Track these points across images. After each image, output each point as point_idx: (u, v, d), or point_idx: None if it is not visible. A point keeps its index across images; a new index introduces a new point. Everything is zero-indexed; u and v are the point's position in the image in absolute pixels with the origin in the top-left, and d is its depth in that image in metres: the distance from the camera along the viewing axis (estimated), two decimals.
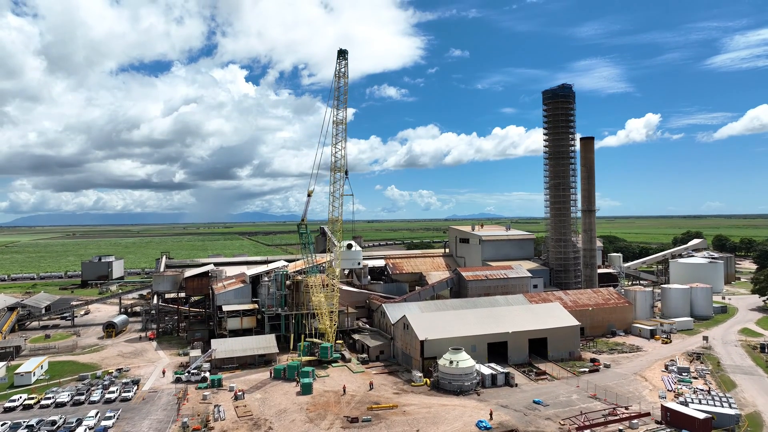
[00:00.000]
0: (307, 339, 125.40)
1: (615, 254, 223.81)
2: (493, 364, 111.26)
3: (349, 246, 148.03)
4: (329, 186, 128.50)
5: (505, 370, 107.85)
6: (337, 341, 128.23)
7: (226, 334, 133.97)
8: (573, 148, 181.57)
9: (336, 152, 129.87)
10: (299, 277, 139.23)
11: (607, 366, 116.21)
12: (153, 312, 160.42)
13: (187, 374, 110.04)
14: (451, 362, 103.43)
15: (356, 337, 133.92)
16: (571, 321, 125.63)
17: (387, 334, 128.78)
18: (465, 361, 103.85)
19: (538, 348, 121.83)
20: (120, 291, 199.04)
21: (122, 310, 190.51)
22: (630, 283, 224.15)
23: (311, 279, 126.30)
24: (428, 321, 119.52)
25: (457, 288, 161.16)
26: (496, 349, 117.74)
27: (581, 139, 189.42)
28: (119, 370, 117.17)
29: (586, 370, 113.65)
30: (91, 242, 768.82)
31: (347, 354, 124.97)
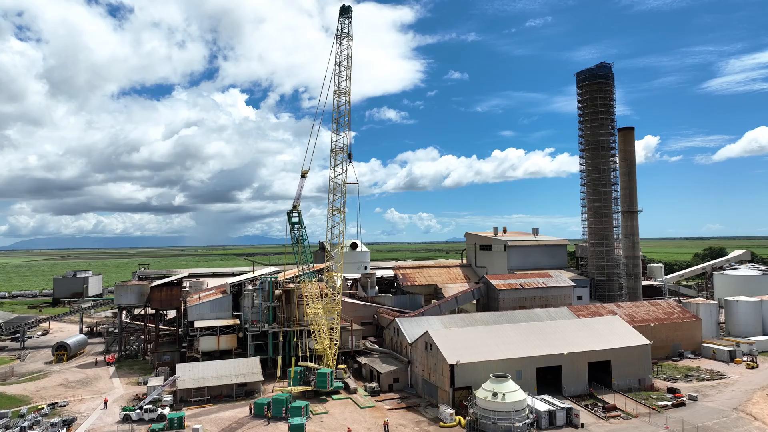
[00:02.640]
0: (300, 363, 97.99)
1: (656, 265, 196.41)
2: (546, 397, 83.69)
3: (354, 246, 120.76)
4: (329, 169, 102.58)
5: (565, 405, 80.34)
6: (339, 366, 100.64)
7: (199, 356, 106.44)
8: (614, 138, 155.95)
9: (337, 128, 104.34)
10: (291, 285, 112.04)
11: (693, 398, 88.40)
12: (116, 331, 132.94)
13: (138, 411, 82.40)
14: (494, 394, 75.88)
15: (363, 360, 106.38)
16: (639, 339, 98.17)
17: (402, 357, 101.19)
18: (513, 392, 76.32)
19: (596, 374, 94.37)
20: (83, 307, 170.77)
21: (88, 329, 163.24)
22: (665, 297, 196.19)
23: (306, 286, 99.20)
24: (457, 339, 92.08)
25: (486, 300, 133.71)
26: (543, 376, 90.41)
27: (619, 130, 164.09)
28: (53, 405, 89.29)
29: (668, 404, 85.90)
30: (84, 263, 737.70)
31: (352, 383, 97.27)
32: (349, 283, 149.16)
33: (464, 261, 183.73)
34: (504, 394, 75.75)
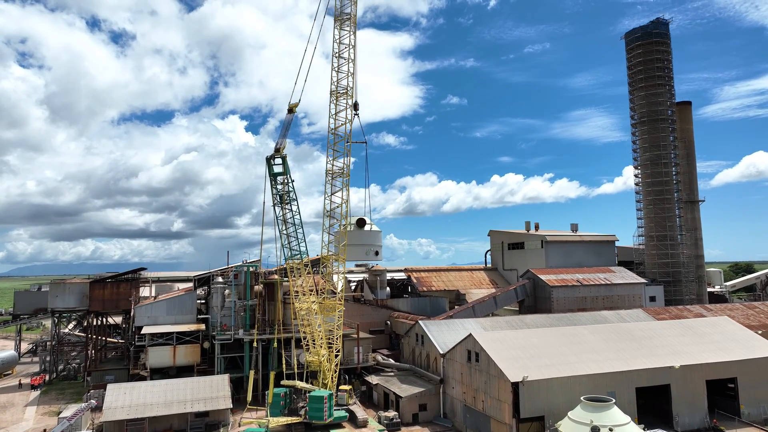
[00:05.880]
0: (285, 382, 68.72)
1: (714, 269, 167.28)
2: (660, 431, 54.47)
3: (361, 223, 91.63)
4: (328, 150, 75.27)
5: None
6: (342, 387, 71.40)
7: (147, 374, 77.14)
8: (672, 109, 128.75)
9: (340, 65, 77.22)
10: (275, 277, 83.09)
11: None
12: (54, 343, 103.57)
13: None
14: (594, 429, 46.79)
15: (374, 380, 77.06)
16: None
17: (431, 374, 71.94)
18: (623, 426, 47.32)
19: (711, 397, 65.08)
20: (20, 318, 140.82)
21: (31, 345, 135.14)
22: None
23: (293, 268, 70.32)
24: (516, 346, 63.11)
25: (532, 300, 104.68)
26: (638, 397, 61.14)
27: (677, 104, 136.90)
28: None
29: None
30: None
31: (360, 411, 67.90)
32: (353, 285, 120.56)
33: (488, 265, 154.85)
34: (610, 429, 46.68)
